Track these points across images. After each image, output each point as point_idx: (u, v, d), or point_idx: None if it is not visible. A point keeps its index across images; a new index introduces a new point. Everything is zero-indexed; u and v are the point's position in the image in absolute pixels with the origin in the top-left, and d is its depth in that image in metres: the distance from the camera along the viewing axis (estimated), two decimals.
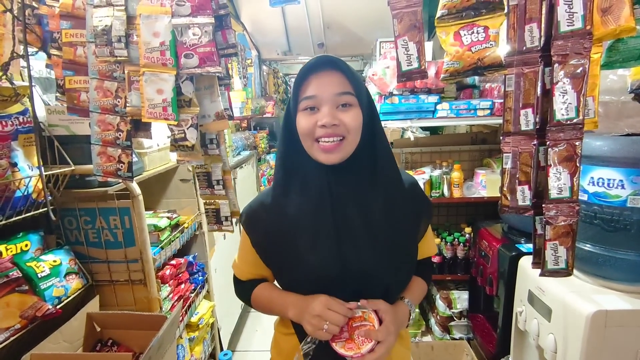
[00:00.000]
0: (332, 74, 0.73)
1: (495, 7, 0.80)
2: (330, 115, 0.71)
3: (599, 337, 1.03)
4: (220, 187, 1.11)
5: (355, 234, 0.77)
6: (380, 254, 0.78)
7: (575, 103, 0.81)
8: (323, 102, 0.72)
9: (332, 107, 0.72)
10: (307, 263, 0.78)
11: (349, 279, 0.77)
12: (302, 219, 0.78)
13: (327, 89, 0.72)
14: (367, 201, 0.78)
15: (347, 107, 0.73)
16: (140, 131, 1.11)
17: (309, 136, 0.74)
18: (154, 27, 0.92)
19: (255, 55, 5.45)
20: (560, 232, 0.88)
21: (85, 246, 1.33)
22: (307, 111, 0.73)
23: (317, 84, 0.72)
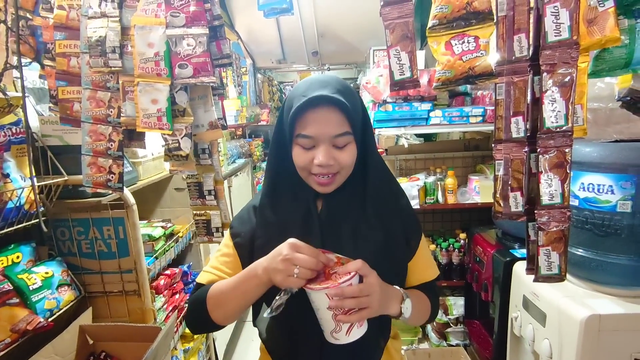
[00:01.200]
0: (331, 112, 0.71)
1: (485, 17, 0.82)
2: (327, 157, 0.71)
3: (593, 342, 1.04)
4: (212, 197, 1.11)
5: (341, 247, 0.74)
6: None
7: (564, 111, 0.82)
8: (320, 142, 0.72)
9: (329, 147, 0.72)
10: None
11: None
12: (288, 229, 0.76)
13: (326, 130, 0.71)
14: (356, 217, 0.78)
15: (343, 147, 0.73)
16: (134, 141, 1.11)
17: (305, 170, 0.74)
18: (148, 37, 0.93)
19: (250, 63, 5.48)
20: (553, 237, 0.89)
21: (78, 257, 1.32)
22: (303, 147, 0.73)
23: (315, 123, 0.71)
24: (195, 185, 1.12)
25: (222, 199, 1.15)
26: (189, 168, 1.07)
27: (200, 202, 1.13)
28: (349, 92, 0.74)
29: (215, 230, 1.15)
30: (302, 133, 0.71)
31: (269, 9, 1.14)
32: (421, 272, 0.88)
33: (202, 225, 1.16)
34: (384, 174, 0.84)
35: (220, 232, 1.16)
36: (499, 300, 1.52)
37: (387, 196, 0.83)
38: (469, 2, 0.80)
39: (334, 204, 0.78)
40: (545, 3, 0.79)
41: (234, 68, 4.65)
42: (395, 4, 0.86)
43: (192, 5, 0.91)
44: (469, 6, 0.80)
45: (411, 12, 0.86)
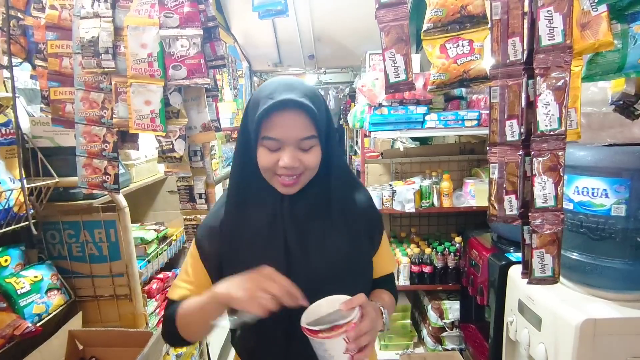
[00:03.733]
0: (298, 116, 0.70)
1: (479, 21, 0.82)
2: (292, 158, 0.70)
3: (588, 346, 1.03)
4: (203, 201, 1.10)
5: (307, 249, 0.75)
6: (333, 269, 0.76)
7: (557, 114, 0.82)
8: (286, 145, 0.71)
9: (295, 149, 0.71)
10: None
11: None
12: (254, 234, 0.76)
13: (292, 133, 0.70)
14: (321, 219, 0.78)
15: (309, 149, 0.73)
16: (127, 142, 1.10)
17: (269, 171, 0.73)
18: (141, 38, 0.92)
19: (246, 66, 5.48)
20: (547, 240, 0.89)
21: (69, 260, 1.30)
22: (268, 149, 0.72)
23: (281, 126, 0.70)
24: (185, 188, 1.11)
25: (213, 202, 1.13)
26: (184, 170, 1.06)
27: (190, 205, 1.12)
28: (315, 96, 0.74)
29: None
30: (268, 135, 0.70)
31: (263, 10, 1.13)
32: (383, 266, 0.91)
33: (192, 230, 1.14)
34: (347, 175, 0.84)
35: None
36: (494, 304, 1.52)
37: (350, 197, 0.83)
38: (463, 6, 0.80)
39: (300, 207, 0.77)
40: (539, 7, 0.79)
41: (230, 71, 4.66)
42: (390, 7, 0.86)
43: (186, 6, 0.91)
44: (464, 10, 0.81)
45: (406, 15, 0.86)
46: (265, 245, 0.75)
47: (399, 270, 2.04)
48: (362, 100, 2.05)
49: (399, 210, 1.97)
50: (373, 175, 2.34)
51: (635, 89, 0.89)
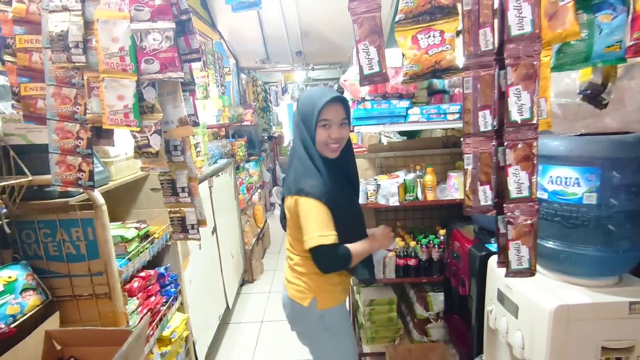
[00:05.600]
0: (339, 105, 1.23)
1: (449, 11, 0.83)
2: (337, 132, 1.24)
3: (562, 331, 1.06)
4: (186, 194, 1.09)
5: (350, 194, 1.38)
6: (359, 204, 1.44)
7: (529, 104, 0.84)
8: (334, 123, 1.23)
9: (338, 127, 1.24)
10: (346, 214, 1.27)
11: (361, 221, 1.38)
12: (339, 187, 1.28)
13: (337, 115, 1.23)
14: (350, 171, 1.39)
15: (344, 126, 1.27)
16: (102, 139, 1.08)
17: (323, 142, 1.24)
18: (112, 32, 0.90)
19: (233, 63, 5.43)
20: (522, 231, 0.91)
21: (45, 260, 1.27)
22: (324, 127, 1.23)
23: (331, 111, 1.22)
24: (168, 182, 1.10)
25: (197, 195, 1.12)
26: (160, 165, 1.05)
27: (174, 199, 1.11)
28: (345, 97, 1.28)
29: (191, 227, 1.13)
30: (324, 118, 1.21)
31: (236, 3, 1.12)
32: None
33: (177, 222, 1.13)
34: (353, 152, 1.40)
35: (196, 229, 1.13)
36: (475, 294, 1.55)
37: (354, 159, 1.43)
38: None
39: (342, 169, 1.33)
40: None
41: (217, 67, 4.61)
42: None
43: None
44: (434, 0, 0.81)
45: (378, 6, 0.86)
46: (345, 196, 1.30)
47: (385, 264, 2.06)
48: (347, 96, 2.05)
49: (383, 204, 1.98)
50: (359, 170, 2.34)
51: (602, 78, 0.91)
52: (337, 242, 1.20)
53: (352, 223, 1.29)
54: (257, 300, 3.38)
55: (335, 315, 1.34)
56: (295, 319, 1.39)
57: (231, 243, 3.25)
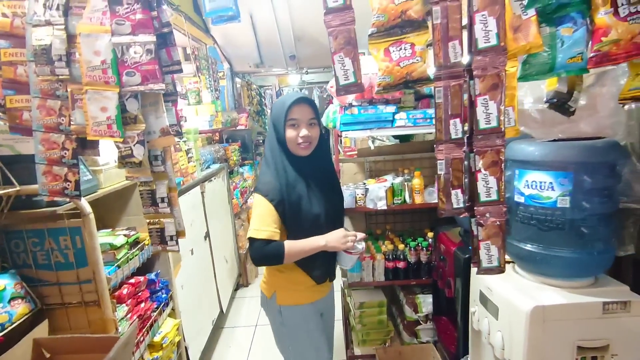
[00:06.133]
0: (306, 106, 1.30)
1: (419, 25, 0.86)
2: (306, 131, 1.29)
3: (539, 332, 1.09)
4: (165, 204, 1.11)
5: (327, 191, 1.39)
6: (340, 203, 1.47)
7: (495, 113, 0.87)
8: (302, 123, 1.30)
9: (306, 126, 1.30)
10: (307, 213, 1.31)
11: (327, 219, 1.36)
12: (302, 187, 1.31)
13: (304, 115, 1.30)
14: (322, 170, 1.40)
15: (313, 126, 1.32)
16: (87, 149, 1.10)
17: (294, 141, 1.30)
18: (94, 45, 0.93)
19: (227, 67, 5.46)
20: (491, 232, 0.94)
21: (34, 269, 1.29)
22: (292, 127, 1.29)
23: (298, 111, 1.29)
24: (148, 192, 1.12)
25: (177, 206, 1.14)
26: (145, 174, 1.07)
27: (153, 210, 1.13)
28: (315, 103, 1.34)
29: (170, 238, 1.14)
30: (292, 117, 1.28)
31: (216, 16, 1.15)
32: None
33: (155, 233, 1.15)
34: (328, 151, 1.47)
35: (175, 240, 1.15)
36: (460, 296, 1.57)
37: (330, 160, 1.49)
38: (403, 11, 0.84)
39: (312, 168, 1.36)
40: (474, 11, 0.84)
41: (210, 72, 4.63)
42: (337, 12, 0.89)
43: (137, 13, 0.92)
44: (404, 14, 0.84)
45: (352, 19, 0.89)
46: (309, 192, 1.31)
47: (374, 267, 2.08)
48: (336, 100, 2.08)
49: (371, 208, 2.01)
50: (348, 174, 2.38)
51: (568, 87, 0.95)
52: (271, 238, 1.24)
53: (313, 219, 1.31)
54: (251, 304, 3.39)
55: (294, 315, 1.37)
56: (263, 307, 1.48)
57: (225, 247, 3.27)
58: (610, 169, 1.08)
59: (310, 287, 1.38)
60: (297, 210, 1.28)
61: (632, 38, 0.78)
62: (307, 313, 1.39)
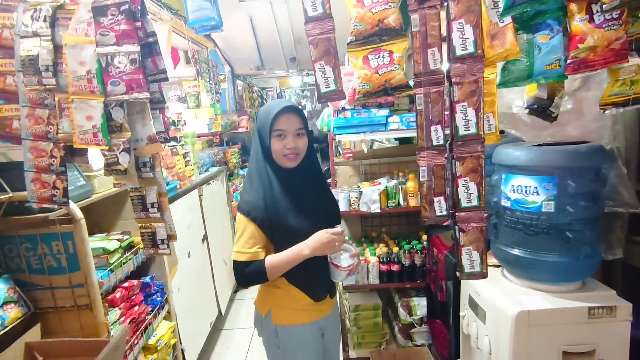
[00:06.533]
0: (293, 115, 1.18)
1: (397, 33, 0.87)
2: (293, 142, 1.18)
3: (524, 336, 1.09)
4: (155, 210, 1.13)
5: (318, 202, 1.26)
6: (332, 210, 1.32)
7: (474, 119, 0.87)
8: (289, 133, 1.18)
9: (294, 137, 1.19)
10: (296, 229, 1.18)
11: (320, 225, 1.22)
12: (289, 201, 1.20)
13: (291, 125, 1.18)
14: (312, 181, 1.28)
15: (301, 136, 1.21)
16: (76, 156, 1.12)
17: (279, 152, 1.19)
18: (79, 56, 0.95)
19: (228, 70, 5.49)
20: (473, 237, 0.94)
21: (28, 273, 1.31)
22: (278, 137, 1.18)
23: (285, 121, 1.17)
24: (138, 198, 1.14)
25: (167, 210, 1.16)
26: (131, 181, 1.09)
27: (144, 215, 1.15)
28: (301, 109, 1.23)
29: (161, 242, 1.17)
30: (278, 128, 1.17)
31: (199, 26, 1.17)
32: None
33: (147, 237, 1.17)
34: (317, 161, 1.34)
35: (166, 244, 1.17)
36: (451, 300, 1.57)
37: (319, 171, 1.35)
38: (380, 20, 0.85)
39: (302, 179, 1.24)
40: (451, 19, 0.84)
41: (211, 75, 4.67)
42: (317, 21, 0.90)
43: (121, 24, 0.94)
44: (381, 23, 0.85)
45: (332, 28, 0.90)
46: (298, 205, 1.20)
47: (368, 270, 2.09)
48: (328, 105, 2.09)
49: (365, 211, 2.02)
50: (343, 177, 2.39)
51: (548, 92, 0.95)
52: (253, 259, 1.16)
53: (304, 234, 1.18)
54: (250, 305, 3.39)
55: (290, 335, 1.25)
56: (257, 326, 1.37)
57: (224, 249, 3.29)
58: (594, 174, 1.08)
59: (309, 305, 1.25)
60: (284, 226, 1.18)
61: (609, 45, 0.78)
62: (306, 334, 1.26)
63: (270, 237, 1.20)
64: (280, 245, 1.20)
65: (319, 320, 1.29)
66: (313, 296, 1.25)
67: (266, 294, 1.30)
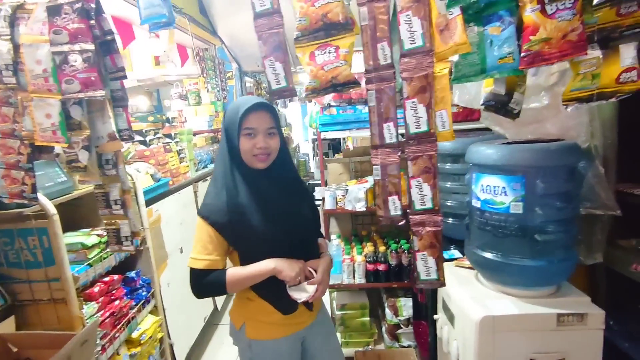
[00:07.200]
0: (264, 113, 1.10)
1: (343, 27, 0.84)
2: (263, 142, 1.10)
3: (489, 342, 1.04)
4: (119, 207, 1.14)
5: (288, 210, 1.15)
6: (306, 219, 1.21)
7: (425, 117, 0.84)
8: (259, 132, 1.10)
9: (264, 136, 1.10)
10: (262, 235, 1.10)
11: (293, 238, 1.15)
12: (255, 205, 1.11)
13: (262, 124, 1.10)
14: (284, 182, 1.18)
15: (273, 136, 1.12)
16: (43, 153, 1.15)
17: (249, 152, 1.10)
18: (36, 55, 0.96)
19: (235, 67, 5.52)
20: (427, 242, 0.91)
21: (6, 267, 1.35)
22: (248, 136, 1.09)
23: (255, 119, 1.09)
24: (102, 195, 1.15)
25: (131, 208, 1.17)
26: (93, 178, 1.10)
27: (108, 211, 1.16)
28: (275, 108, 1.16)
29: (125, 239, 1.18)
30: (248, 126, 1.08)
31: (152, 23, 1.16)
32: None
33: (112, 234, 1.18)
34: (291, 162, 1.24)
35: (130, 240, 1.18)
36: (430, 302, 1.54)
37: (294, 174, 1.25)
38: (324, 14, 0.82)
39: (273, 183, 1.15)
40: (398, 12, 0.81)
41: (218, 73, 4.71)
42: (265, 17, 0.88)
43: (75, 23, 0.94)
44: (325, 17, 0.82)
45: (280, 24, 0.88)
46: (265, 210, 1.11)
47: (355, 269, 2.06)
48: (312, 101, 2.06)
49: (350, 209, 1.99)
50: (333, 175, 2.36)
51: (507, 88, 0.90)
52: (210, 267, 1.08)
53: (272, 241, 1.11)
54: None
55: (264, 350, 1.17)
56: (232, 336, 1.27)
57: None
58: (566, 173, 1.03)
59: (283, 320, 1.16)
60: (248, 232, 1.09)
61: (564, 36, 0.73)
62: (280, 349, 1.17)
63: (233, 243, 1.12)
64: (244, 252, 1.13)
65: (299, 332, 1.20)
66: (281, 309, 1.15)
67: (240, 306, 1.22)
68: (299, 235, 1.17)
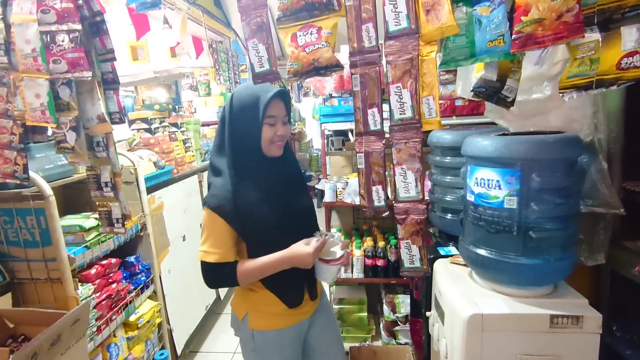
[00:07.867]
0: (281, 102, 1.11)
1: (325, 7, 0.80)
2: (283, 129, 1.12)
3: (476, 341, 1.00)
4: (109, 189, 1.14)
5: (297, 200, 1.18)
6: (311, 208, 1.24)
7: (410, 102, 0.80)
8: (279, 120, 1.11)
9: (282, 124, 1.12)
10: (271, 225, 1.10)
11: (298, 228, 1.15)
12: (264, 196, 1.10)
13: (281, 111, 1.11)
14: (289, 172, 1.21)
15: (286, 124, 1.14)
16: (37, 134, 1.16)
17: (269, 140, 1.10)
18: (25, 34, 0.97)
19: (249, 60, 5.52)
20: (411, 230, 0.88)
21: (6, 245, 1.39)
22: (269, 124, 1.09)
23: (276, 107, 1.09)
24: (94, 177, 1.16)
25: (121, 190, 1.18)
26: (82, 159, 1.11)
27: (99, 193, 1.17)
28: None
29: (116, 221, 1.19)
30: (271, 114, 1.08)
31: (138, 4, 1.15)
32: None
33: (104, 216, 1.19)
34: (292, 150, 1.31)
35: (121, 223, 1.19)
36: (424, 299, 1.49)
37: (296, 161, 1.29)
38: None
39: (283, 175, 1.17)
40: None
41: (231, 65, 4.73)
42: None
43: (63, 2, 0.94)
44: None
45: (264, 4, 0.86)
46: (273, 201, 1.11)
47: (353, 263, 2.03)
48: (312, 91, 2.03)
49: (349, 202, 1.96)
50: (335, 167, 2.33)
51: (498, 73, 0.84)
52: (221, 260, 1.07)
53: (280, 230, 1.11)
54: None
55: (267, 341, 1.16)
56: (233, 327, 1.26)
57: None
58: (565, 168, 0.96)
59: (286, 310, 1.16)
60: (257, 221, 1.08)
61: (559, 17, 0.68)
62: (283, 340, 1.18)
63: (242, 234, 1.09)
64: (253, 243, 1.11)
65: (302, 322, 1.21)
66: (287, 302, 1.15)
67: (243, 296, 1.21)
68: (305, 226, 1.19)
